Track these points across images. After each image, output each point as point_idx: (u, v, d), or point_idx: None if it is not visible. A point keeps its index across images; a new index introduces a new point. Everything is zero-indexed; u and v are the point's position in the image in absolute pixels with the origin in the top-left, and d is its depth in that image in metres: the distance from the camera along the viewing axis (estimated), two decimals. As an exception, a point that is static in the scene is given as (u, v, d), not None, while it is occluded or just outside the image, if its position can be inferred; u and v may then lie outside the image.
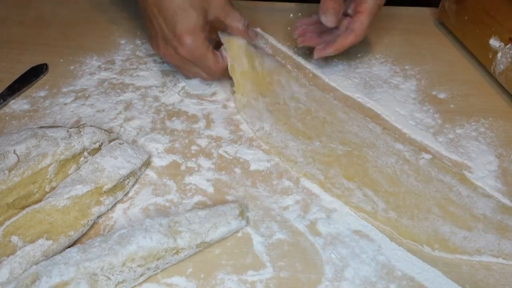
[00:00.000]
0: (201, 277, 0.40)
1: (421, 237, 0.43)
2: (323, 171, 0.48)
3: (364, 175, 0.48)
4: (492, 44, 0.60)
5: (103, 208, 0.44)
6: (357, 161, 0.49)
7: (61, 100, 0.58)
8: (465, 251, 0.42)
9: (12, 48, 0.67)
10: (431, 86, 0.62)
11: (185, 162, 0.51)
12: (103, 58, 0.65)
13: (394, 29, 0.72)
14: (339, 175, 0.48)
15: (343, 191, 0.47)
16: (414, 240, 0.43)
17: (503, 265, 0.42)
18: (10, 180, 0.41)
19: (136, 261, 0.38)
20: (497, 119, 0.57)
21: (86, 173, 0.44)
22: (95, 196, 0.43)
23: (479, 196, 0.46)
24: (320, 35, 0.62)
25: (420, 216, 0.44)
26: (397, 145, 0.51)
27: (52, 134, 0.45)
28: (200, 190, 0.48)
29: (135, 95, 0.59)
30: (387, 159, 0.50)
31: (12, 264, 0.38)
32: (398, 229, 0.43)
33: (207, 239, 0.41)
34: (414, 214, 0.45)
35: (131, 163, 0.46)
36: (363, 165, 0.49)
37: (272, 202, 0.47)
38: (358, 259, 0.42)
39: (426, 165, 0.49)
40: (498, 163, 0.51)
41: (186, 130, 0.54)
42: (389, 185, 0.47)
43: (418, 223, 0.44)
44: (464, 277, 0.41)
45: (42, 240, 0.40)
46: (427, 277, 0.40)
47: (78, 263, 0.36)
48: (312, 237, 0.43)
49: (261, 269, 0.41)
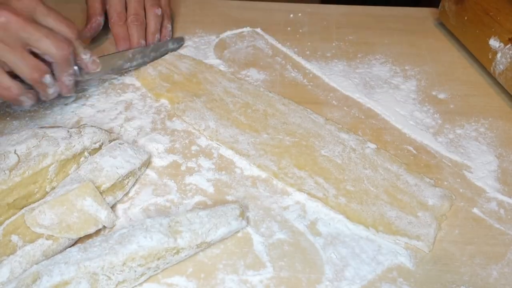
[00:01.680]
0: (201, 277, 0.40)
1: (368, 220, 0.44)
2: (276, 162, 0.50)
3: (314, 164, 0.50)
4: (491, 45, 0.60)
5: (104, 208, 0.44)
6: (306, 150, 0.51)
7: (61, 100, 0.58)
8: (406, 234, 0.43)
9: (13, 48, 0.67)
10: (431, 87, 0.62)
11: (186, 162, 0.51)
12: (104, 58, 0.65)
13: (394, 29, 0.72)
14: (290, 165, 0.50)
15: (296, 179, 0.48)
16: (361, 222, 0.44)
17: (503, 265, 0.42)
18: (10, 180, 0.41)
19: (136, 261, 0.38)
20: (497, 119, 0.57)
21: (84, 172, 0.44)
22: (95, 196, 0.43)
23: (426, 185, 0.48)
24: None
25: (368, 201, 0.46)
26: (341, 134, 0.53)
27: (52, 134, 0.45)
28: (201, 190, 0.48)
29: (136, 95, 0.59)
30: (334, 148, 0.51)
31: (12, 264, 0.38)
32: (347, 213, 0.45)
33: (208, 239, 0.41)
34: (363, 199, 0.46)
35: (130, 163, 0.46)
36: (312, 154, 0.51)
37: (272, 202, 0.47)
38: (358, 259, 0.42)
39: (372, 154, 0.51)
40: (498, 163, 0.51)
41: (187, 130, 0.54)
42: (339, 173, 0.49)
43: (366, 208, 0.45)
44: (464, 277, 0.41)
45: (42, 239, 0.40)
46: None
47: (78, 263, 0.36)
48: (312, 237, 0.44)
49: (261, 269, 0.41)
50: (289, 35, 0.70)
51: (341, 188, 0.47)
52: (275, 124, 0.54)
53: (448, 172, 0.50)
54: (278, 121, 0.55)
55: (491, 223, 0.45)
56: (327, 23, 0.74)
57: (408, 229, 0.44)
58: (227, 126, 0.54)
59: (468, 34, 0.66)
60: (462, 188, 0.49)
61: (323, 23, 0.74)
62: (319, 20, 0.74)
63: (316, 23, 0.74)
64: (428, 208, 0.46)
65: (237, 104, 0.57)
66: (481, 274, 0.41)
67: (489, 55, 0.61)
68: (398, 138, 0.54)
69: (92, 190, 0.42)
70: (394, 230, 0.44)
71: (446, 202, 0.46)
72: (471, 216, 0.46)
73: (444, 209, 0.46)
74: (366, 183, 0.48)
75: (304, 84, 0.62)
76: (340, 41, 0.70)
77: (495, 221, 0.46)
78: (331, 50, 0.68)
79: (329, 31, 0.72)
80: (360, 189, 0.47)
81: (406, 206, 0.46)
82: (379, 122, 0.56)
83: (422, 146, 0.53)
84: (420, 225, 0.44)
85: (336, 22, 0.74)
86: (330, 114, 0.57)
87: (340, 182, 0.48)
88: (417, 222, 0.44)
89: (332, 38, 0.70)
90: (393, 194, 0.47)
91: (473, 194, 0.48)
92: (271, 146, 0.52)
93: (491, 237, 0.44)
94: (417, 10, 0.77)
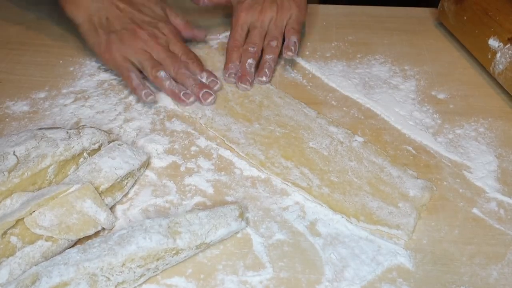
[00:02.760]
0: (201, 278, 0.40)
1: (349, 210, 0.45)
2: (264, 151, 0.51)
3: (300, 155, 0.51)
4: (491, 45, 0.60)
5: (103, 209, 0.44)
6: (294, 142, 0.52)
7: (60, 101, 0.58)
8: (386, 223, 0.44)
9: (12, 48, 0.67)
10: (430, 87, 0.62)
11: (185, 163, 0.51)
12: (103, 59, 0.65)
13: (394, 29, 0.72)
14: (278, 155, 0.51)
15: (282, 169, 0.49)
16: (342, 212, 0.45)
17: (502, 265, 0.42)
18: (9, 181, 0.41)
19: (135, 262, 0.38)
20: (497, 119, 0.57)
21: (83, 173, 0.44)
22: (94, 197, 0.43)
23: (409, 177, 0.49)
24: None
25: (351, 192, 0.47)
26: (331, 127, 0.54)
27: (51, 135, 0.45)
28: (200, 191, 0.48)
29: (135, 96, 0.59)
30: (322, 140, 0.53)
31: (12, 265, 0.38)
32: (330, 203, 0.46)
33: (207, 240, 0.41)
34: (346, 190, 0.47)
35: (129, 164, 0.46)
36: (300, 146, 0.52)
37: (272, 202, 0.47)
38: (358, 260, 0.42)
39: (359, 147, 0.52)
40: (498, 163, 0.51)
41: (186, 131, 0.54)
42: (324, 164, 0.50)
43: (348, 198, 0.46)
44: (464, 278, 0.41)
45: (41, 241, 0.40)
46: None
47: (78, 264, 0.36)
48: (312, 237, 0.43)
49: (261, 270, 0.41)
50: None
51: (325, 179, 0.48)
52: (268, 115, 0.56)
53: (448, 172, 0.50)
54: (271, 112, 0.56)
55: (491, 223, 0.45)
56: (326, 23, 0.74)
57: (388, 219, 0.44)
58: (223, 115, 0.56)
59: (467, 34, 0.66)
60: (461, 188, 0.49)
61: (323, 23, 0.74)
62: (318, 20, 0.74)
63: (316, 23, 0.74)
64: (409, 198, 0.46)
65: (236, 94, 0.59)
66: (481, 274, 0.41)
67: (488, 55, 0.61)
68: (398, 138, 0.54)
69: (92, 192, 0.42)
70: (375, 220, 0.44)
71: (426, 193, 0.47)
72: (471, 216, 0.46)
73: (424, 200, 0.47)
74: (350, 175, 0.49)
75: (303, 84, 0.62)
76: (340, 41, 0.70)
77: (495, 221, 0.45)
78: (330, 50, 0.68)
79: (328, 31, 0.72)
80: (344, 180, 0.48)
81: (388, 197, 0.47)
82: (379, 122, 0.56)
83: (421, 146, 0.53)
84: (400, 215, 0.45)
85: (335, 22, 0.74)
86: (330, 114, 0.57)
87: (324, 173, 0.49)
88: (397, 212, 0.45)
89: (332, 38, 0.70)
90: (375, 185, 0.48)
91: (472, 194, 0.48)
92: (261, 136, 0.53)
93: (491, 237, 0.44)
94: (416, 10, 0.77)
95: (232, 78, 0.60)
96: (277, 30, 0.63)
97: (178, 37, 0.61)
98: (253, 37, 0.62)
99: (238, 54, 0.62)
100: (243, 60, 0.61)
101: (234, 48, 0.62)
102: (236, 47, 0.62)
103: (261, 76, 0.60)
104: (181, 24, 0.63)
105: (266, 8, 0.64)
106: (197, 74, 0.59)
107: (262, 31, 0.63)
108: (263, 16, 0.63)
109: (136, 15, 0.60)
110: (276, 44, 0.62)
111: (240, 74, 0.60)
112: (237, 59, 0.61)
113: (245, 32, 0.63)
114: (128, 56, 0.57)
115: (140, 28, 0.58)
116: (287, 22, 0.64)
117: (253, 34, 0.63)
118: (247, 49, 0.61)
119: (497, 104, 0.59)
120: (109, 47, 0.57)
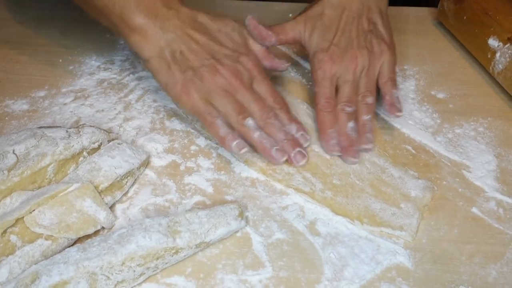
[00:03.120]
0: (200, 277, 0.40)
1: (352, 213, 0.45)
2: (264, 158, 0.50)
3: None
4: (490, 44, 0.60)
5: (103, 208, 0.44)
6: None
7: (60, 100, 0.58)
8: (390, 225, 0.44)
9: (12, 48, 0.67)
10: (430, 86, 0.62)
11: (185, 162, 0.51)
12: (103, 58, 0.65)
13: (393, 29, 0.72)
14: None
15: (284, 175, 0.49)
16: (346, 215, 0.45)
17: (502, 264, 0.42)
18: (9, 180, 0.41)
19: (135, 261, 0.38)
20: (496, 118, 0.57)
21: (83, 172, 0.44)
22: (94, 195, 0.43)
23: (410, 177, 0.49)
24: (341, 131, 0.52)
25: (353, 194, 0.47)
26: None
27: (51, 134, 0.45)
28: (200, 190, 0.48)
29: (135, 95, 0.59)
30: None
31: (11, 264, 0.38)
32: (333, 206, 0.46)
33: (207, 239, 0.41)
34: (348, 192, 0.47)
35: (128, 162, 0.46)
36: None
37: (272, 202, 0.47)
38: (357, 259, 0.42)
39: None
40: (497, 163, 0.51)
41: (186, 130, 0.54)
42: (326, 167, 0.49)
43: (351, 201, 0.46)
44: (463, 277, 0.41)
45: (41, 240, 0.40)
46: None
47: (77, 262, 0.36)
48: (312, 236, 0.44)
49: (260, 269, 0.41)
50: (288, 34, 0.70)
51: (328, 182, 0.48)
52: None
53: (447, 172, 0.50)
54: None
55: (490, 223, 0.45)
56: (326, 23, 0.74)
57: (391, 220, 0.44)
58: None
59: (467, 34, 0.66)
60: (461, 187, 0.49)
61: (322, 22, 0.74)
62: (318, 19, 0.74)
63: (315, 22, 0.73)
64: (411, 199, 0.47)
65: None
66: (480, 273, 0.41)
67: (488, 54, 0.61)
68: (397, 137, 0.54)
69: (92, 191, 0.42)
70: (378, 222, 0.44)
71: (428, 193, 0.47)
72: (470, 216, 0.46)
73: (426, 200, 0.47)
74: (352, 177, 0.49)
75: (303, 84, 0.62)
76: (339, 41, 0.69)
77: (494, 220, 0.46)
78: (330, 50, 0.68)
79: (328, 30, 0.72)
80: (346, 183, 0.48)
81: (390, 198, 0.47)
82: (378, 122, 0.56)
83: (421, 145, 0.53)
84: (403, 216, 0.45)
85: (335, 22, 0.74)
86: (329, 113, 0.57)
87: (327, 176, 0.49)
88: (400, 213, 0.45)
89: (331, 37, 0.70)
90: (377, 186, 0.48)
91: (472, 194, 0.48)
92: None
93: (490, 236, 0.44)
94: (416, 10, 0.77)
95: (334, 147, 0.50)
96: (370, 82, 0.54)
97: (263, 73, 0.51)
98: (347, 94, 0.53)
99: (333, 116, 0.52)
100: (342, 125, 0.51)
101: (328, 109, 0.52)
102: (330, 107, 0.52)
103: (366, 143, 0.51)
104: (260, 51, 0.54)
105: (357, 56, 0.54)
106: (286, 124, 0.50)
107: (355, 85, 0.53)
108: (354, 65, 0.54)
109: (215, 47, 0.51)
110: (373, 100, 0.53)
111: (346, 144, 0.50)
112: (334, 123, 0.51)
113: (335, 87, 0.54)
114: (209, 98, 0.48)
115: (220, 64, 0.49)
116: (380, 70, 0.55)
117: (346, 89, 0.53)
118: (343, 109, 0.52)
119: (496, 104, 0.59)
120: (186, 88, 0.49)
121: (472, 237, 0.44)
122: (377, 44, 0.55)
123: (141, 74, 0.62)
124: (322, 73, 0.54)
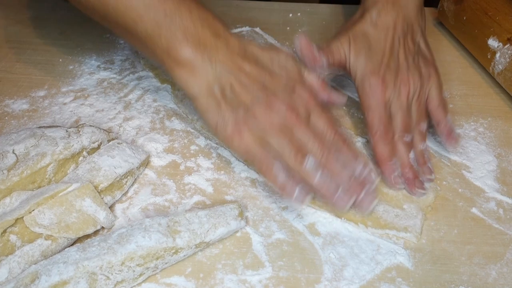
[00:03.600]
0: (200, 277, 0.40)
1: (356, 216, 0.45)
2: None
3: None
4: (490, 44, 0.60)
5: (102, 207, 0.44)
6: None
7: (60, 100, 0.58)
8: (394, 226, 0.44)
9: (12, 47, 0.67)
10: (430, 86, 0.62)
11: (184, 162, 0.51)
12: (102, 58, 0.65)
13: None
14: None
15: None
16: (350, 219, 0.45)
17: (501, 265, 0.42)
18: (9, 180, 0.41)
19: (135, 260, 0.38)
20: (496, 119, 0.57)
21: (82, 172, 0.44)
22: (94, 195, 0.43)
23: None
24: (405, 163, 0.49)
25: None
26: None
27: (51, 134, 0.45)
28: (199, 190, 0.48)
29: (135, 95, 0.59)
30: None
31: (11, 264, 0.38)
32: (336, 211, 0.45)
33: (206, 239, 0.41)
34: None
35: (128, 162, 0.46)
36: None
37: (272, 202, 0.47)
38: (357, 259, 0.42)
39: (361, 148, 0.52)
40: (497, 163, 0.51)
41: (185, 130, 0.54)
42: None
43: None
44: (463, 277, 0.41)
45: (41, 239, 0.40)
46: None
47: (77, 262, 0.36)
48: (311, 236, 0.44)
49: (260, 269, 0.41)
50: (288, 34, 0.70)
51: None
52: None
53: (447, 172, 0.50)
54: None
55: (490, 223, 0.45)
56: (326, 23, 0.74)
57: (395, 222, 0.44)
58: None
59: (467, 34, 0.66)
60: (461, 188, 0.49)
61: (322, 22, 0.74)
62: (318, 19, 0.74)
63: (316, 22, 0.74)
64: (414, 200, 0.46)
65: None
66: (480, 274, 0.41)
67: (488, 55, 0.61)
68: (397, 138, 0.54)
69: (91, 191, 0.42)
70: (382, 224, 0.44)
71: (430, 193, 0.47)
72: (470, 216, 0.46)
73: (429, 200, 0.47)
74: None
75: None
76: (339, 41, 0.69)
77: (494, 221, 0.46)
78: (330, 50, 0.68)
79: (328, 30, 0.72)
80: None
81: (392, 199, 0.47)
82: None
83: (421, 146, 0.53)
84: (406, 217, 0.45)
85: (335, 22, 0.74)
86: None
87: None
88: (403, 215, 0.45)
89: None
90: (379, 187, 0.47)
91: (472, 194, 0.48)
92: None
93: (490, 237, 0.44)
94: (416, 10, 0.77)
95: (398, 179, 0.47)
96: (421, 108, 0.51)
97: (320, 106, 0.46)
98: (403, 122, 0.49)
99: (392, 147, 0.48)
100: (404, 156, 0.48)
101: (386, 140, 0.48)
102: (388, 137, 0.48)
103: (429, 173, 0.48)
104: (316, 82, 0.48)
105: (409, 80, 0.50)
106: (350, 160, 0.44)
107: (409, 111, 0.50)
108: (407, 90, 0.50)
109: (268, 78, 0.45)
110: (426, 127, 0.51)
111: (411, 176, 0.47)
112: (394, 154, 0.48)
113: (389, 114, 0.49)
114: (264, 137, 0.43)
115: (275, 98, 0.44)
116: (429, 93, 0.51)
117: (401, 118, 0.49)
118: (401, 138, 0.48)
119: (496, 104, 0.59)
120: (238, 128, 0.44)
121: (472, 237, 0.44)
122: (425, 67, 0.52)
123: (141, 74, 0.62)
124: (375, 100, 0.49)
